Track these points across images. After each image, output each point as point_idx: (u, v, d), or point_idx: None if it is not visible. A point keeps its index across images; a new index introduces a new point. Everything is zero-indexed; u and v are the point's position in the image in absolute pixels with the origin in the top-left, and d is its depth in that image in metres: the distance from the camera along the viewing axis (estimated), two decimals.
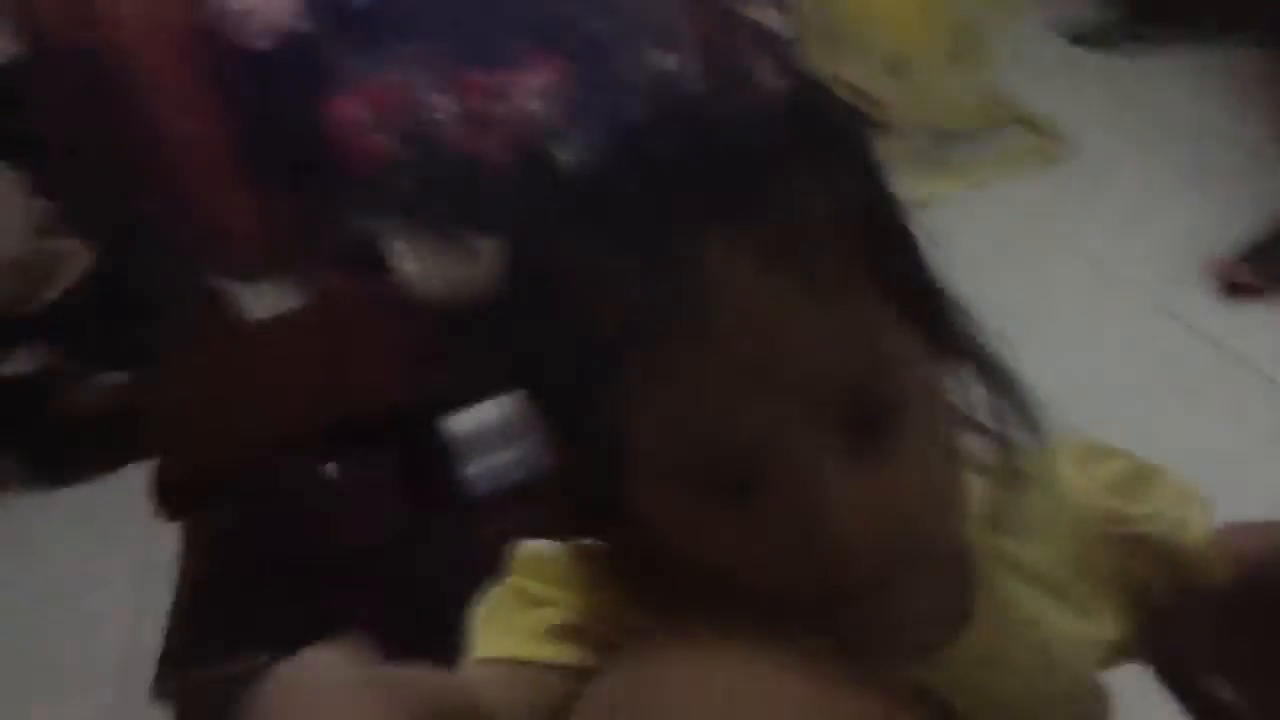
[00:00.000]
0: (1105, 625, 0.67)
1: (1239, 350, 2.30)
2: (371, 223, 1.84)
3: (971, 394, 0.59)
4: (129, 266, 2.76)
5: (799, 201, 0.53)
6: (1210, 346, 2.34)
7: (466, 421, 2.42)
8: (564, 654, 0.58)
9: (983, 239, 2.60)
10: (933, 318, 0.57)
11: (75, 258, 2.83)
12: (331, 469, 2.13)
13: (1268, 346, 2.29)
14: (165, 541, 2.24)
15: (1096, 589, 0.68)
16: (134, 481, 2.53)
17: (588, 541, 0.63)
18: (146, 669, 1.95)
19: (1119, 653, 0.69)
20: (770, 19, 2.75)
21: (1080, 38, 3.59)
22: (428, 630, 0.61)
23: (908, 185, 0.60)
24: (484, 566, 0.64)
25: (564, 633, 0.59)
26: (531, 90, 2.08)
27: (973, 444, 0.60)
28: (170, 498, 1.70)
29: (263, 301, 2.87)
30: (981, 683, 0.60)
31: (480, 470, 2.39)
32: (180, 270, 2.81)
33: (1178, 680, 0.67)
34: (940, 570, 0.59)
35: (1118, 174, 2.99)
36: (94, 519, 2.81)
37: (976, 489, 0.61)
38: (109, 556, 2.65)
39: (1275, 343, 2.29)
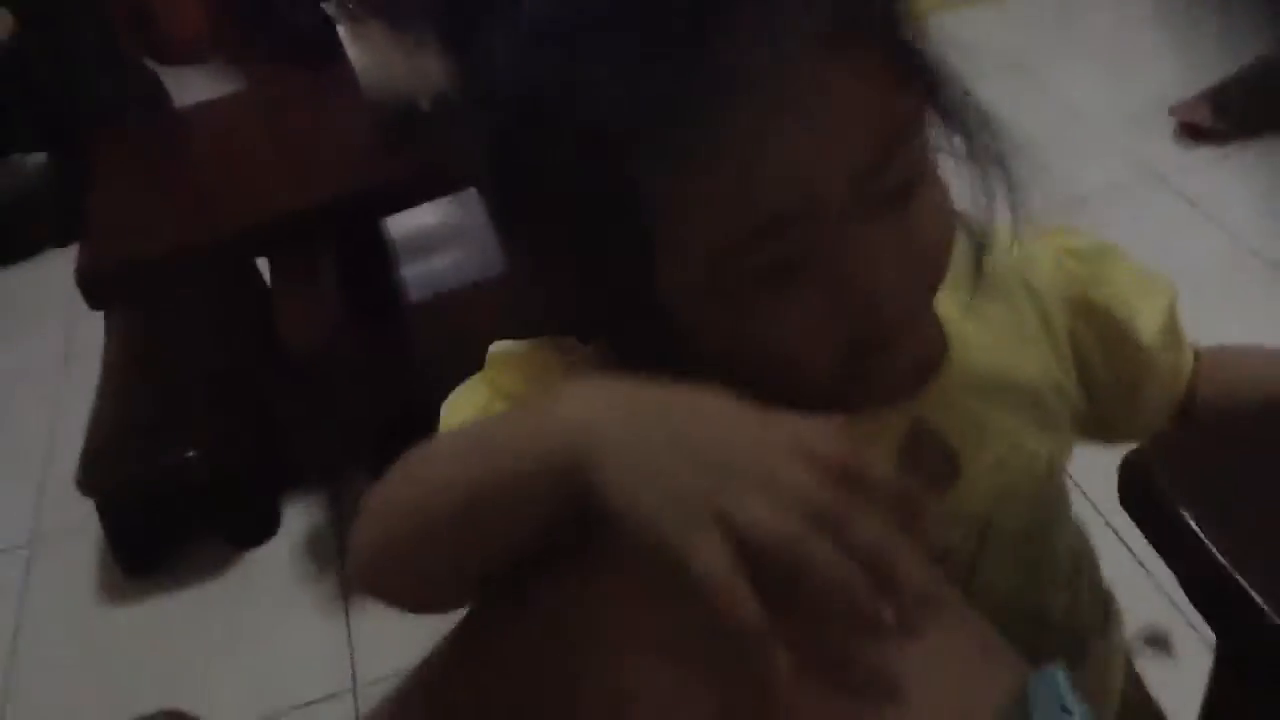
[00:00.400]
0: (1060, 375, 0.73)
1: (1185, 190, 2.31)
2: (321, 9, 1.74)
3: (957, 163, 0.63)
4: (57, 41, 2.61)
5: None
6: (1158, 184, 2.34)
7: (406, 224, 2.37)
8: None
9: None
10: (936, 94, 0.60)
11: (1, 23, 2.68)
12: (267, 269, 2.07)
13: (1213, 188, 2.29)
14: (87, 332, 2.18)
15: (1052, 345, 0.73)
16: (55, 269, 2.46)
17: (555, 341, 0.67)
18: (69, 463, 1.91)
19: (1068, 397, 0.74)
20: None
21: None
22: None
23: None
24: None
25: None
26: None
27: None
28: (96, 288, 1.64)
29: (201, 88, 2.75)
30: (965, 409, 0.68)
31: (419, 274, 2.35)
32: (112, 49, 2.67)
33: (1141, 507, 0.67)
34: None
35: (1089, 9, 2.95)
36: (12, 308, 2.74)
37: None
38: (29, 346, 2.58)
39: (1221, 185, 2.30)
